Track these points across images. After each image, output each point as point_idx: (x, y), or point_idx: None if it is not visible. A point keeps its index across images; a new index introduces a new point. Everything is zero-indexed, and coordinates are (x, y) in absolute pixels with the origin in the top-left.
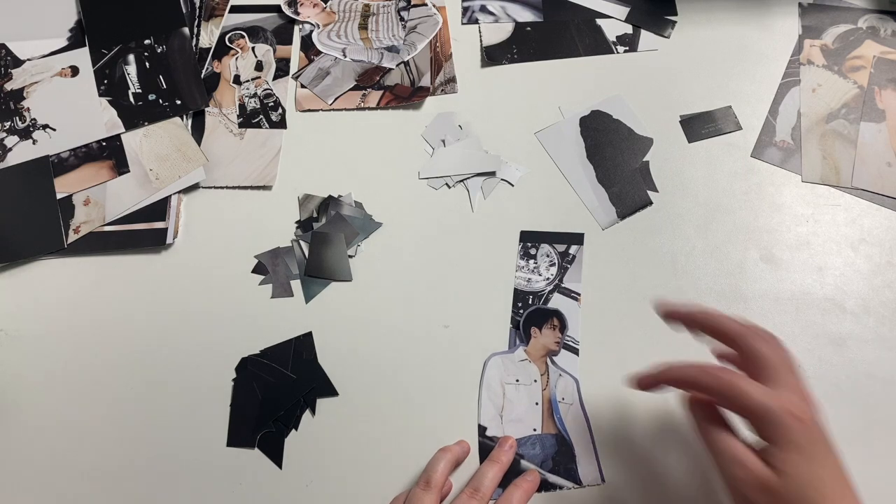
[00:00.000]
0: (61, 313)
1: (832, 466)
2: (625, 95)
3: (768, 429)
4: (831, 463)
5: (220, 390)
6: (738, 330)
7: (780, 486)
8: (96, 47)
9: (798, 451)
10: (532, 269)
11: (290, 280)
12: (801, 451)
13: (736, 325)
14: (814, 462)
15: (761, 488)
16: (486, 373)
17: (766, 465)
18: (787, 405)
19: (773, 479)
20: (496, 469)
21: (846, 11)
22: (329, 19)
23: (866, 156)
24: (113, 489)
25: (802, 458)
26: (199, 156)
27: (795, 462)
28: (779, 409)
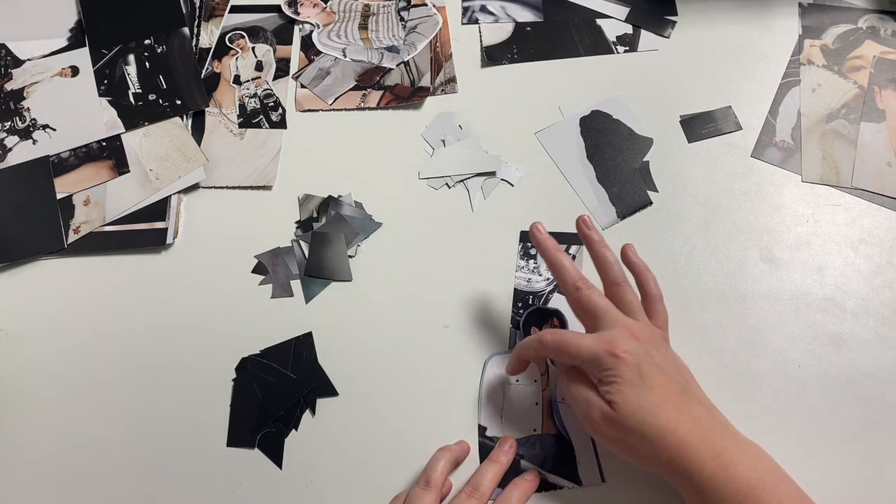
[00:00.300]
0: (61, 313)
1: (656, 386)
2: (625, 95)
3: (596, 370)
4: (655, 384)
5: (220, 390)
6: (570, 286)
7: (616, 416)
8: (96, 47)
9: (622, 383)
10: (532, 269)
11: (290, 280)
12: (624, 382)
13: (569, 278)
14: (637, 387)
15: (604, 420)
16: (486, 373)
17: (604, 402)
18: (607, 347)
19: (609, 411)
20: (496, 469)
21: (846, 11)
22: (329, 19)
23: (866, 156)
24: (113, 489)
25: (626, 387)
26: (199, 156)
27: (621, 392)
28: (599, 352)
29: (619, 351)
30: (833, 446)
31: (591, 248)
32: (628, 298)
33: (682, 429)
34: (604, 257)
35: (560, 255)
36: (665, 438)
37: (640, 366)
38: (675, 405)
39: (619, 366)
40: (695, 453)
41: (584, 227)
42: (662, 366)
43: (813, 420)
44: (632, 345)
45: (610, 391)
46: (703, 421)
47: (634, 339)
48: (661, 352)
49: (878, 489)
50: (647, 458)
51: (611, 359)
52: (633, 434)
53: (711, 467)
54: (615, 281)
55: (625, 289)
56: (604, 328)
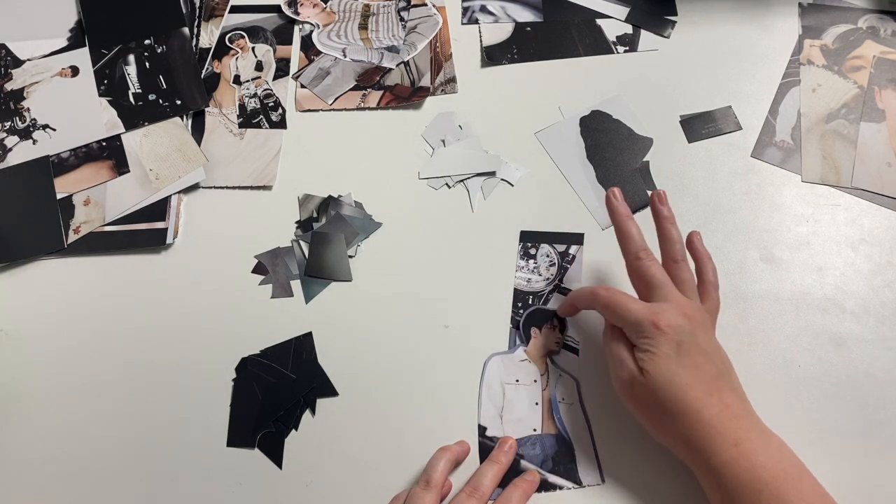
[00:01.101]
0: (61, 313)
1: (691, 366)
2: (625, 95)
3: (637, 336)
4: (691, 363)
5: (220, 390)
6: (632, 254)
7: (643, 381)
8: (96, 47)
9: (657, 354)
10: (532, 269)
11: (290, 280)
12: (659, 354)
13: (633, 247)
14: (671, 362)
15: (632, 383)
16: (486, 373)
17: (636, 366)
18: (654, 318)
19: (638, 375)
20: (496, 469)
21: (846, 11)
22: (329, 19)
23: (866, 156)
24: (113, 489)
25: (660, 359)
26: (199, 156)
27: (654, 362)
28: (644, 321)
29: (662, 323)
30: (833, 446)
31: (659, 223)
32: (685, 277)
33: (708, 410)
34: (668, 233)
35: (629, 223)
36: (688, 416)
37: (681, 343)
38: (706, 387)
39: (658, 337)
40: (717, 437)
41: (658, 202)
42: (704, 348)
43: (813, 420)
44: (678, 320)
45: (643, 359)
46: (731, 407)
47: (683, 315)
48: (706, 335)
49: (878, 489)
50: (666, 429)
51: (653, 328)
52: (657, 404)
53: (732, 453)
54: (675, 258)
55: (683, 267)
56: (657, 300)
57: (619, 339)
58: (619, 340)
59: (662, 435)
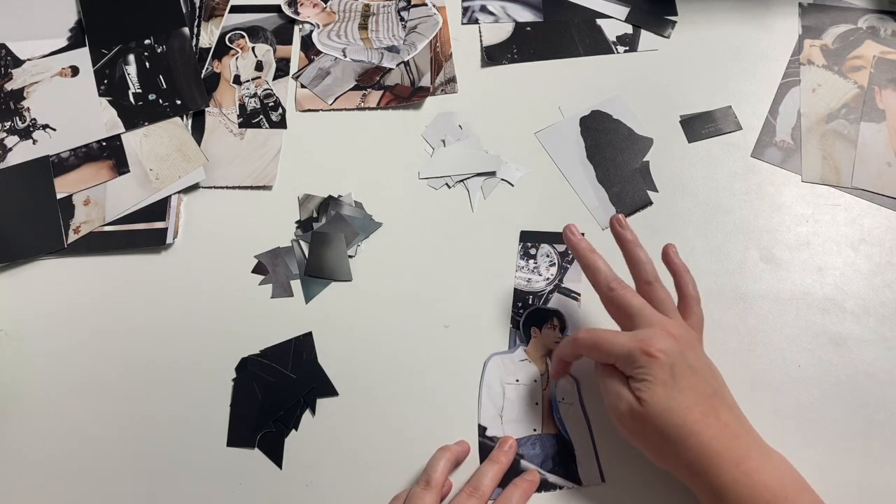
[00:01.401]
0: (61, 313)
1: (687, 387)
2: (625, 95)
3: (630, 368)
4: (686, 385)
5: (220, 390)
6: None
7: (643, 412)
8: (96, 47)
9: (654, 382)
10: (532, 269)
11: (290, 280)
12: (655, 382)
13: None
14: (668, 388)
15: (630, 414)
16: (486, 373)
17: (633, 397)
18: (641, 345)
19: (637, 406)
20: (496, 469)
21: (846, 11)
22: (329, 19)
23: (866, 156)
24: (113, 489)
25: (657, 386)
26: (199, 156)
27: (651, 391)
28: (633, 350)
29: (653, 350)
30: (833, 446)
31: (624, 248)
32: (661, 297)
33: (707, 433)
34: (636, 256)
35: (594, 256)
36: (689, 440)
37: (674, 365)
38: (703, 408)
39: (652, 364)
40: (717, 458)
41: (618, 227)
42: (696, 367)
43: (813, 420)
44: (667, 343)
45: (640, 388)
46: (729, 427)
47: (670, 337)
48: (695, 353)
49: (878, 489)
50: (668, 456)
51: (644, 357)
52: (658, 432)
53: (734, 474)
54: (647, 280)
55: (657, 287)
56: (639, 326)
57: (612, 373)
58: (612, 375)
59: (665, 462)
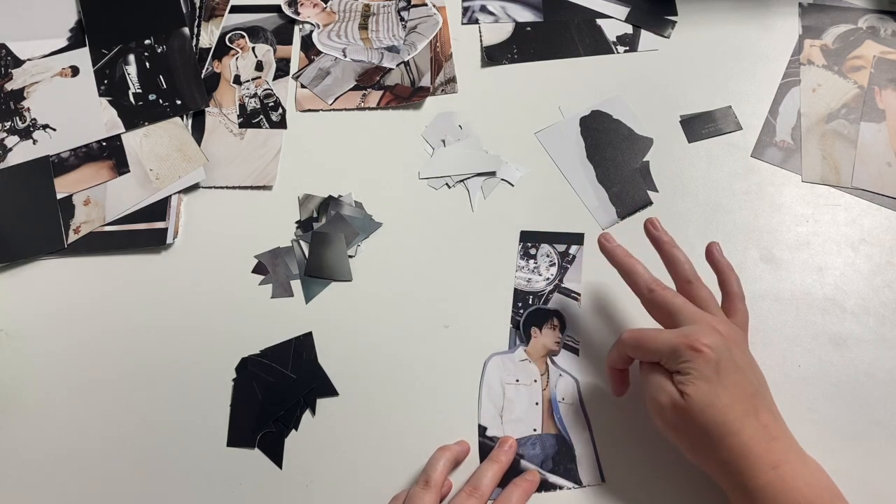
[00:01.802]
0: (61, 313)
1: (731, 384)
2: (625, 95)
3: (674, 363)
4: (731, 382)
5: (220, 390)
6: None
7: (685, 405)
8: (96, 47)
9: (698, 377)
10: (532, 269)
11: (290, 280)
12: (700, 376)
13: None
14: (712, 383)
15: (673, 408)
16: (486, 373)
17: (676, 390)
18: (686, 341)
19: (679, 400)
20: (496, 469)
21: (846, 11)
22: (329, 19)
23: (866, 156)
24: (113, 489)
25: (701, 381)
26: (199, 156)
27: (695, 385)
28: (678, 345)
29: (699, 344)
30: (833, 446)
31: (661, 249)
32: (703, 295)
33: (746, 432)
34: (674, 257)
35: (632, 261)
36: (728, 438)
37: (720, 361)
38: (744, 407)
39: (698, 359)
40: (755, 459)
41: (653, 229)
42: (741, 364)
43: (813, 420)
44: (713, 339)
45: (684, 382)
46: (768, 428)
47: (716, 332)
48: (741, 350)
49: (878, 489)
50: (704, 453)
51: (690, 351)
52: (697, 428)
53: (769, 477)
54: (687, 278)
55: (698, 286)
56: (683, 325)
57: (656, 368)
58: (656, 369)
59: (700, 458)
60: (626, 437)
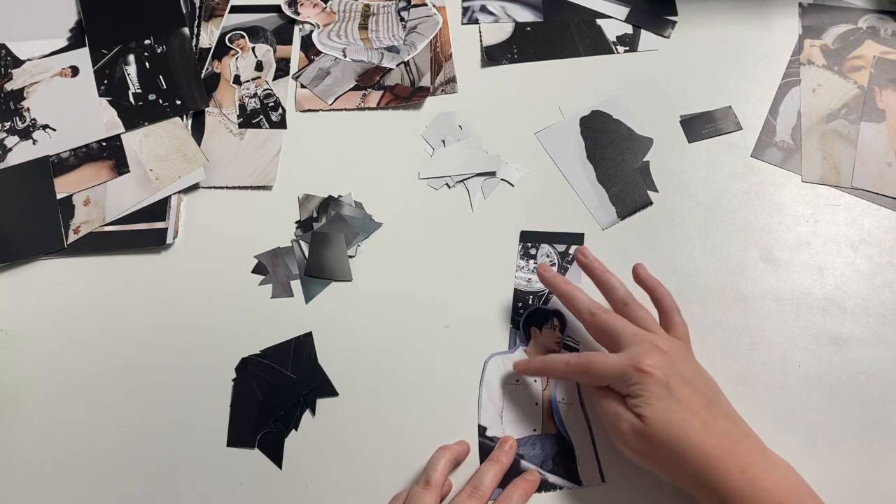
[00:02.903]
0: (61, 313)
1: (684, 398)
2: (625, 95)
3: (625, 386)
4: (682, 396)
5: (220, 390)
6: (585, 313)
7: (646, 429)
8: (96, 47)
9: (650, 397)
10: (532, 270)
11: (290, 280)
12: (652, 396)
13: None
14: (665, 401)
15: (634, 433)
16: (486, 373)
17: (633, 415)
18: (632, 363)
19: (638, 424)
20: (496, 469)
21: (846, 11)
22: (329, 19)
23: (866, 156)
24: (113, 489)
25: (655, 400)
26: (199, 156)
27: (649, 406)
28: (625, 368)
29: (645, 366)
30: (833, 446)
31: (594, 276)
32: (641, 315)
33: (708, 442)
34: (608, 282)
35: (570, 287)
36: (692, 451)
37: (668, 379)
38: (702, 418)
39: (646, 380)
40: (721, 467)
41: (584, 258)
42: (689, 378)
43: (813, 420)
44: (658, 358)
45: (638, 404)
46: (730, 434)
47: (659, 351)
48: (686, 363)
49: (878, 489)
50: (675, 471)
51: (638, 374)
52: (663, 448)
53: (738, 482)
54: (623, 300)
55: (635, 307)
56: (626, 346)
57: (608, 394)
58: (609, 396)
59: (673, 477)
60: None
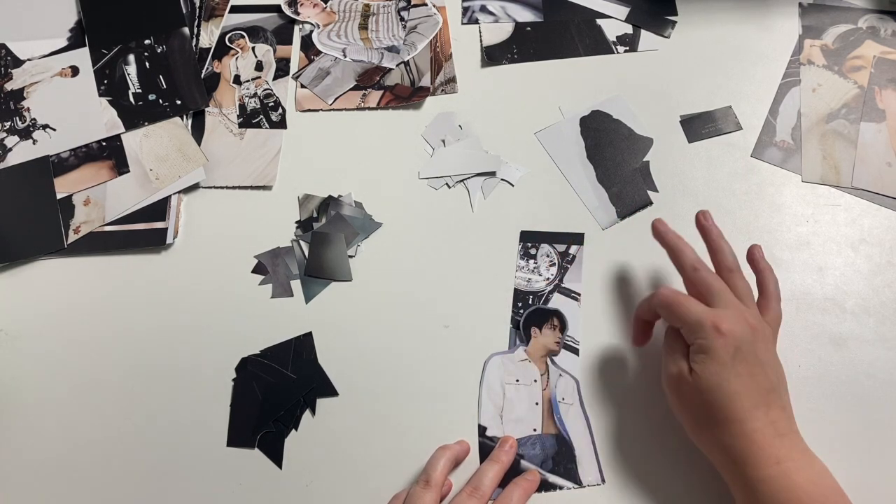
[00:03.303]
0: (61, 313)
1: (745, 374)
2: (625, 95)
3: (694, 337)
4: (745, 371)
5: (220, 390)
6: (688, 267)
7: (691, 381)
8: (96, 47)
9: (711, 357)
10: (532, 269)
11: (290, 280)
12: (713, 358)
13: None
14: (723, 367)
15: (679, 378)
16: (486, 373)
17: (687, 365)
18: (713, 319)
19: (686, 374)
20: (496, 469)
21: (846, 11)
22: (329, 19)
23: (866, 156)
24: (113, 489)
25: (713, 362)
26: (199, 156)
27: (706, 365)
28: (704, 320)
29: (724, 327)
30: (833, 446)
31: (708, 238)
32: (742, 286)
33: (752, 423)
34: (719, 245)
35: (681, 242)
36: (732, 425)
37: (739, 349)
38: (755, 400)
39: (716, 340)
40: (758, 451)
41: (703, 220)
42: (762, 359)
43: (813, 420)
44: (740, 326)
45: (696, 360)
46: (776, 424)
47: (745, 322)
48: (766, 346)
49: (878, 489)
50: (707, 434)
51: (712, 331)
52: (701, 406)
53: (772, 471)
54: (730, 267)
55: (738, 276)
56: (717, 307)
57: (677, 338)
58: (677, 340)
59: (702, 439)
60: (626, 438)
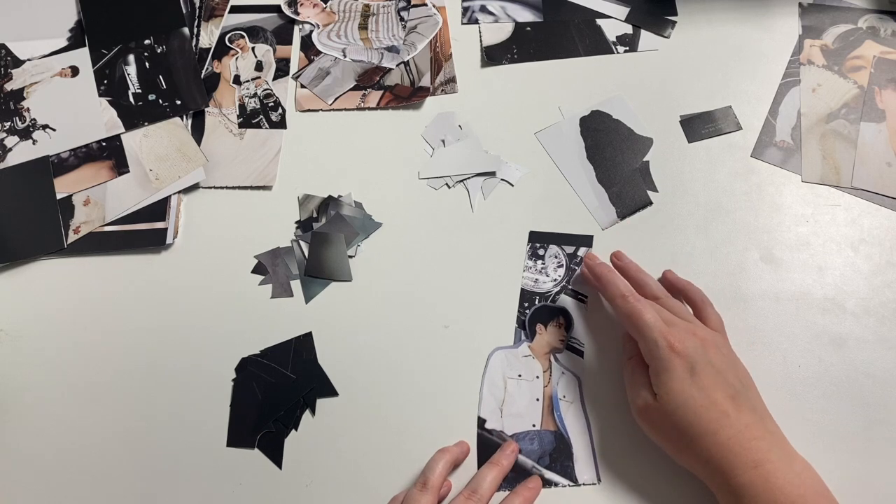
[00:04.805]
0: (61, 313)
1: (707, 387)
2: (625, 95)
3: (651, 356)
4: (706, 384)
5: (220, 390)
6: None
7: (658, 407)
8: (96, 47)
9: (671, 377)
10: (540, 270)
11: (290, 280)
12: (672, 377)
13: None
14: (684, 384)
15: (647, 409)
16: (489, 366)
17: (650, 392)
18: (668, 336)
19: (652, 401)
20: (496, 472)
21: (846, 11)
22: (329, 19)
23: (866, 156)
24: (113, 489)
25: (674, 381)
26: (199, 156)
27: (667, 386)
28: (660, 338)
29: (676, 345)
30: (833, 446)
31: (629, 275)
32: (675, 306)
33: (724, 432)
34: (643, 280)
35: (610, 272)
36: (704, 438)
37: (695, 364)
38: (723, 408)
39: (673, 359)
40: (735, 459)
41: (618, 260)
42: (719, 367)
43: (813, 420)
44: (690, 341)
45: (657, 383)
46: (750, 428)
47: (694, 336)
48: (719, 353)
49: (878, 489)
50: (685, 453)
51: (667, 349)
52: (673, 428)
53: (751, 475)
54: (656, 295)
55: (669, 300)
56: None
57: (638, 367)
58: (638, 369)
59: (683, 458)
60: (625, 439)
